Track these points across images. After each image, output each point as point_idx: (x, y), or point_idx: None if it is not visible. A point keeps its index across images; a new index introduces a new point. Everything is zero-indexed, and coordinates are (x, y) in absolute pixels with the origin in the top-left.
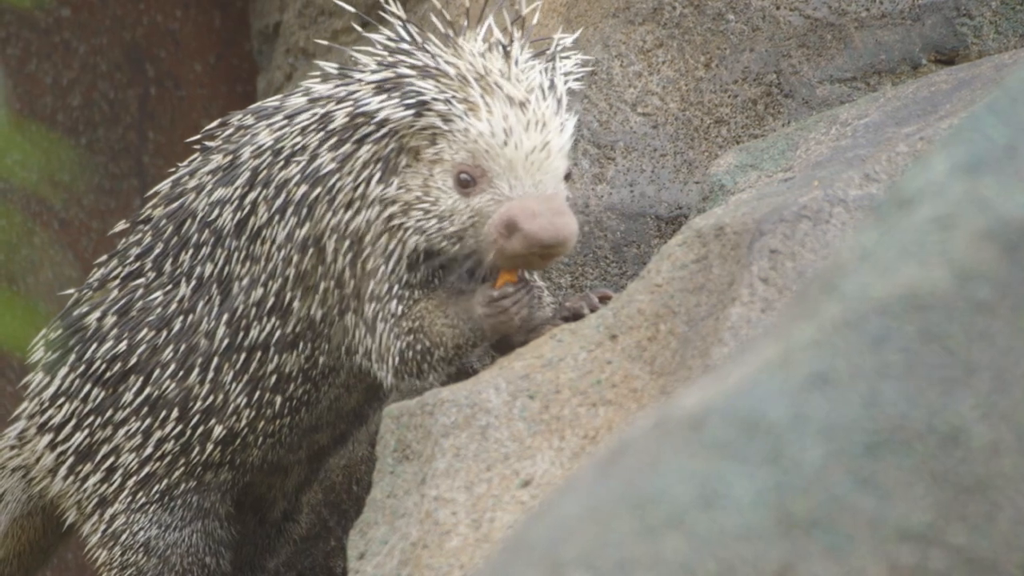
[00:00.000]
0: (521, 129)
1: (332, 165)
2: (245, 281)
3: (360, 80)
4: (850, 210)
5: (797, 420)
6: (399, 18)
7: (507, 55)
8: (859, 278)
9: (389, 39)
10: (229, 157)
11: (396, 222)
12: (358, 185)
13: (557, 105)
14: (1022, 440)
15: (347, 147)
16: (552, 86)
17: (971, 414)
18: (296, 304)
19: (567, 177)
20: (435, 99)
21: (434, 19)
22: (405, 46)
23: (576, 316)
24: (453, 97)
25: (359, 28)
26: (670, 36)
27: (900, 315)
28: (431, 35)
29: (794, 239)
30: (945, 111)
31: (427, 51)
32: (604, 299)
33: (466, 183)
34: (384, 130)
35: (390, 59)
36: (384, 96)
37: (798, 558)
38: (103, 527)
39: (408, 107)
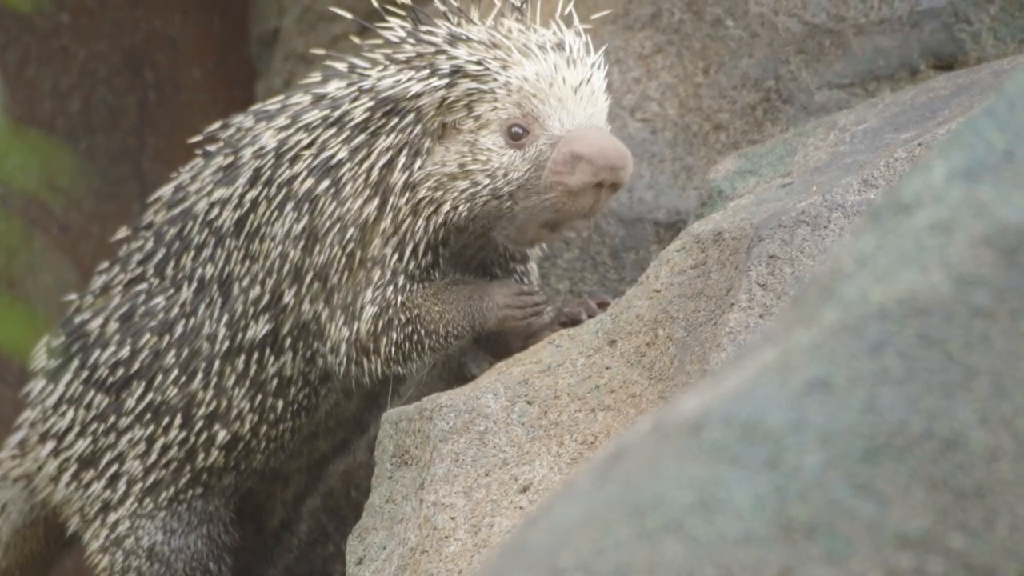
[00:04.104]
0: (564, 65)
1: (344, 154)
2: (245, 281)
3: (376, 75)
4: (848, 215)
5: (796, 425)
6: (409, 7)
7: (522, 15)
8: (858, 283)
9: (402, 27)
10: (230, 158)
11: (432, 197)
12: (372, 172)
13: (586, 48)
14: (1021, 446)
15: (362, 137)
16: (577, 33)
17: (970, 419)
18: (291, 300)
19: None
20: (468, 62)
21: (438, 4)
22: (424, 27)
23: (574, 322)
24: (484, 58)
25: (355, 39)
26: (669, 42)
27: (899, 320)
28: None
29: (792, 245)
30: (943, 117)
31: (450, 22)
32: (602, 305)
33: (518, 135)
34: (410, 116)
35: (414, 40)
36: (412, 73)
37: (797, 563)
38: (105, 532)
39: (442, 76)
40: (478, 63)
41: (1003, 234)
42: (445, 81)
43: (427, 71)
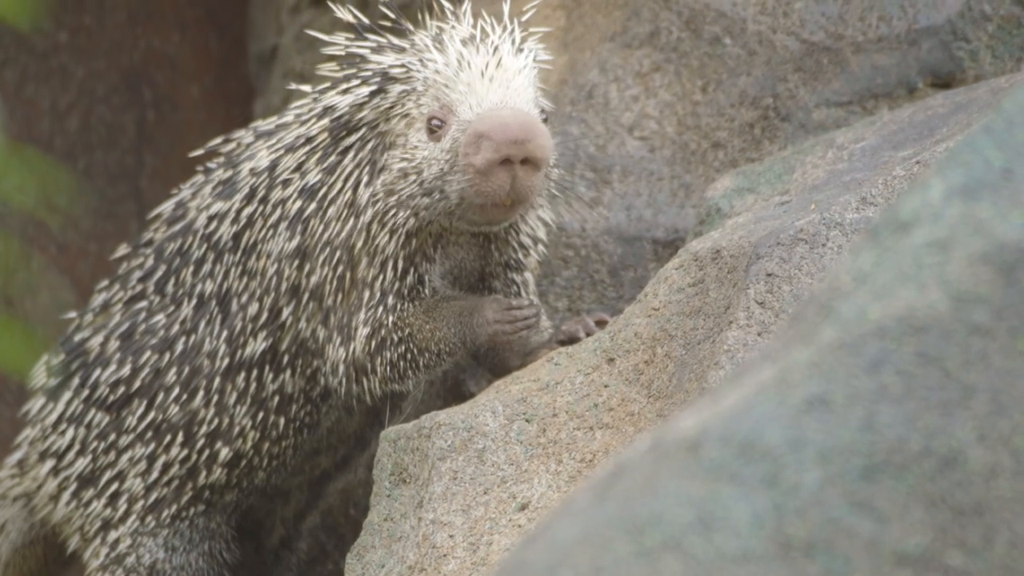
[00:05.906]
0: (473, 52)
1: (319, 178)
2: (244, 298)
3: (329, 95)
4: (847, 233)
5: (794, 443)
6: (354, 25)
7: (456, 14)
8: (856, 301)
9: (345, 45)
10: (229, 172)
11: (386, 207)
12: (345, 193)
13: (511, 37)
14: (1019, 463)
15: (332, 159)
16: (504, 27)
17: (968, 437)
18: (288, 318)
19: (545, 121)
20: (392, 66)
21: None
22: (356, 42)
23: (573, 340)
24: (409, 60)
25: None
26: (667, 60)
27: (897, 338)
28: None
29: (791, 262)
30: (941, 135)
31: (379, 35)
32: (601, 323)
33: (437, 128)
34: (362, 131)
35: (349, 55)
36: (345, 87)
37: None
38: (106, 550)
39: (370, 83)
40: (401, 66)
41: (1001, 252)
42: (373, 88)
43: (358, 82)
